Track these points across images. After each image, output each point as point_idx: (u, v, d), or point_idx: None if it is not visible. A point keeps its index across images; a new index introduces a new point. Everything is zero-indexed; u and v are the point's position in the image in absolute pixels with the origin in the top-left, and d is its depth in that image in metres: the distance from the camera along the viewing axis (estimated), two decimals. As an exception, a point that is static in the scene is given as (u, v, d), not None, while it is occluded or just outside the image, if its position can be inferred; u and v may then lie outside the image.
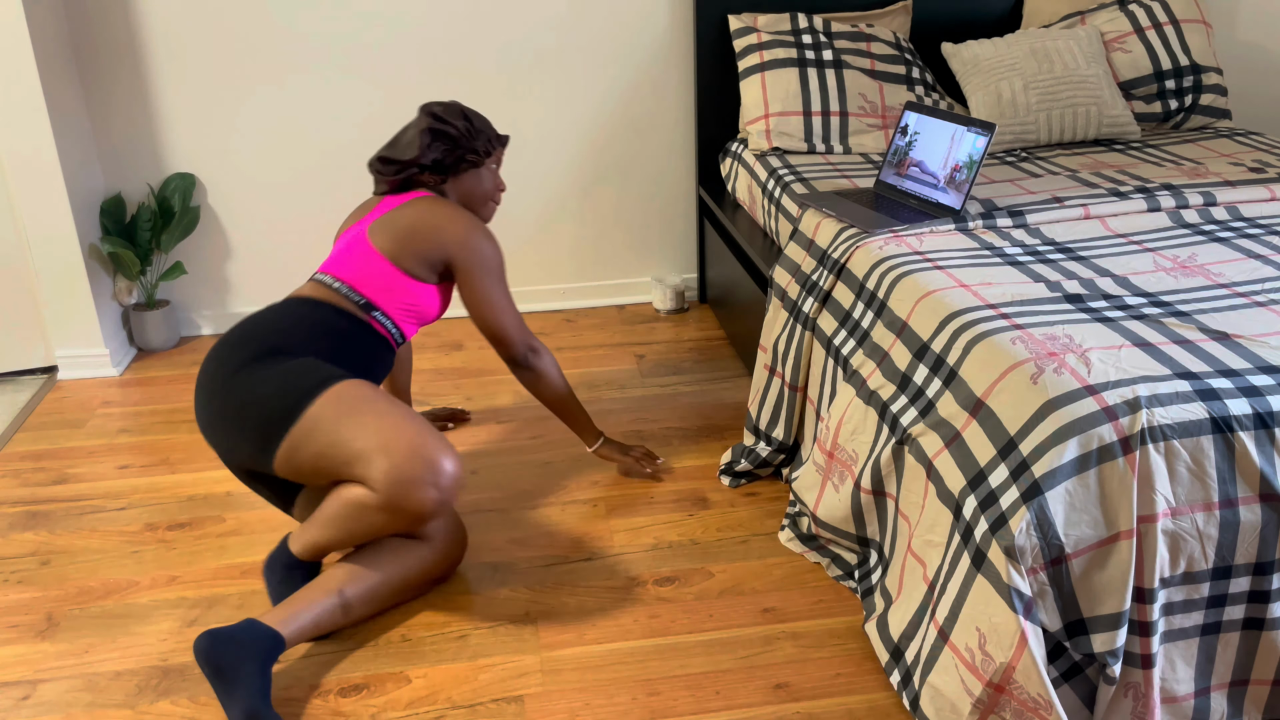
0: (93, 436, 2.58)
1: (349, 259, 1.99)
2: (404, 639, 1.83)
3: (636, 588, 1.95)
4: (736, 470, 2.30)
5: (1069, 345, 1.56)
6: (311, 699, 1.69)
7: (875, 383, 1.85)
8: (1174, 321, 1.64)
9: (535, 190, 3.19)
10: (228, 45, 2.90)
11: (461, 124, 2.09)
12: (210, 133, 2.99)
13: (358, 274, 1.97)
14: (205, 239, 3.10)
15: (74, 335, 2.88)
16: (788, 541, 2.07)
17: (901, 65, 2.91)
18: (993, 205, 2.22)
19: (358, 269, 1.97)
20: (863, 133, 2.83)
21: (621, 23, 3.04)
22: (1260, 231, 2.03)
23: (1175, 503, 1.41)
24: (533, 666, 1.76)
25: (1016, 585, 1.40)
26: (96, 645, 1.83)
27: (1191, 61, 2.94)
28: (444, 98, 3.04)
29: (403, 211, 2.01)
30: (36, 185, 2.70)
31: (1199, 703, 1.50)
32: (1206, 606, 1.47)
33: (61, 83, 2.75)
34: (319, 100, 2.99)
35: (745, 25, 2.94)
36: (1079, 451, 1.40)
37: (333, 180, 3.09)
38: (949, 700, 1.51)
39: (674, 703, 1.67)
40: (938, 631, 1.54)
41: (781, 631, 1.83)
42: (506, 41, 3.01)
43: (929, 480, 1.64)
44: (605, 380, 2.82)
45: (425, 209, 2.01)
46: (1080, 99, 2.79)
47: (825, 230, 2.20)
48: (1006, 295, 1.76)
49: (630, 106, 3.14)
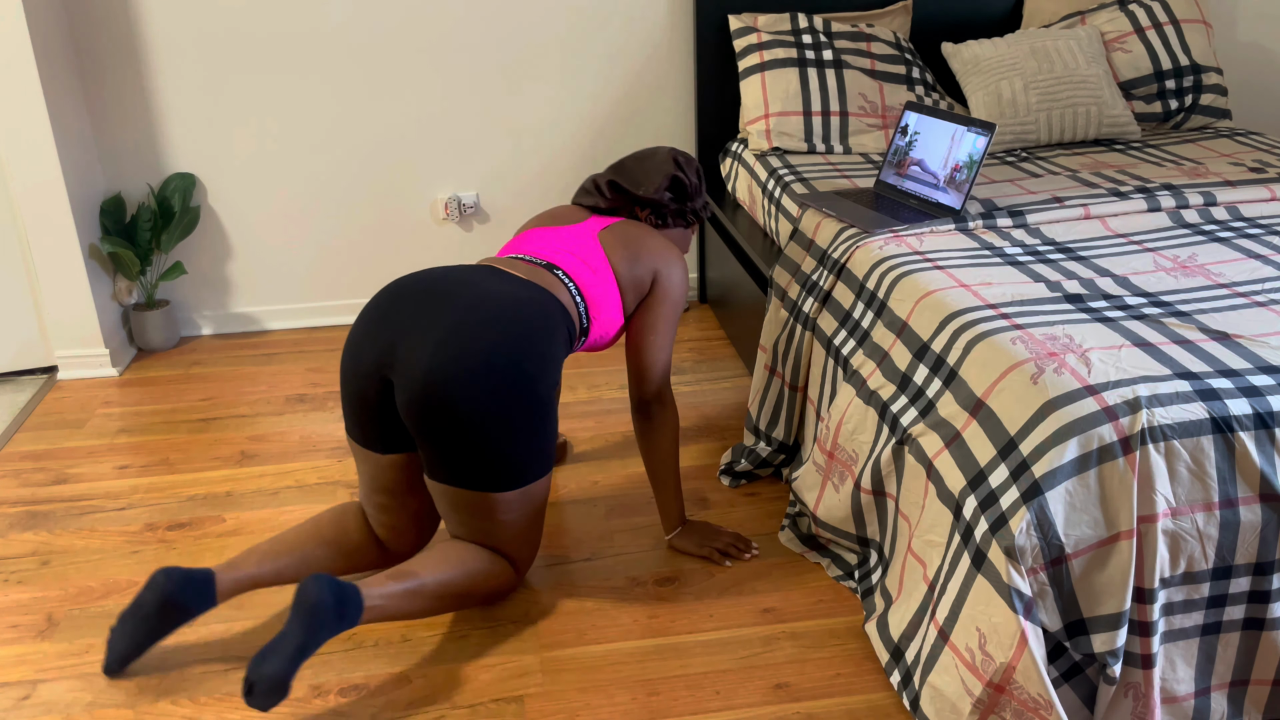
0: (92, 436, 2.58)
1: (578, 262, 1.94)
2: (404, 639, 1.83)
3: (636, 588, 1.95)
4: (736, 470, 2.30)
5: (1069, 345, 1.56)
6: (312, 699, 1.69)
7: (875, 383, 1.85)
8: (1174, 321, 1.64)
9: (535, 190, 3.19)
10: (228, 45, 2.90)
11: (696, 181, 2.14)
12: (210, 133, 2.99)
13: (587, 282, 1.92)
14: (205, 239, 3.10)
15: (74, 335, 2.88)
16: (788, 541, 2.07)
17: (901, 65, 2.91)
18: (993, 205, 2.22)
19: (586, 276, 1.93)
20: (863, 133, 2.83)
21: (621, 22, 3.04)
22: (1260, 231, 2.03)
23: (1175, 503, 1.41)
24: (533, 666, 1.76)
25: (1016, 585, 1.40)
26: (96, 645, 1.83)
27: (1191, 61, 2.94)
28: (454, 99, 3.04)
29: (628, 228, 2.03)
30: (36, 185, 2.70)
31: (1199, 703, 1.50)
32: (1207, 606, 1.47)
33: (61, 83, 2.75)
34: (319, 100, 2.99)
35: (745, 25, 2.94)
36: (1079, 451, 1.40)
37: (333, 180, 3.09)
38: (949, 700, 1.51)
39: (674, 703, 1.67)
40: (938, 631, 1.54)
41: (781, 631, 1.83)
42: (506, 41, 3.01)
43: (929, 480, 1.64)
44: (605, 380, 2.82)
45: (649, 231, 2.05)
46: (1080, 99, 2.79)
47: (825, 230, 2.20)
48: (1006, 295, 1.76)
49: (630, 106, 3.14)
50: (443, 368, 1.65)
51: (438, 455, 1.71)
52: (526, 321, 1.73)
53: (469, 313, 1.71)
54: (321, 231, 3.14)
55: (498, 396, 1.67)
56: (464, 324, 1.69)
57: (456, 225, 3.20)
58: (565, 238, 1.99)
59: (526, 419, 1.71)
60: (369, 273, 3.21)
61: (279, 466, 2.41)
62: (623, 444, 2.48)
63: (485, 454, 1.69)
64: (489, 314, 1.71)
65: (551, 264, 1.91)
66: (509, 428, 1.69)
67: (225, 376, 2.90)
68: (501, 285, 1.80)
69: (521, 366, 1.69)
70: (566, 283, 1.89)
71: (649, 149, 2.18)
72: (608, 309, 1.94)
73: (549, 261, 1.92)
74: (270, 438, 2.54)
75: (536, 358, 1.72)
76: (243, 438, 2.55)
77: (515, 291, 1.79)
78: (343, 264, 3.19)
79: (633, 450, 2.44)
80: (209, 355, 3.05)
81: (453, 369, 1.65)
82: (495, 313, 1.72)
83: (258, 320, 3.22)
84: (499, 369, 1.67)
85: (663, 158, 2.12)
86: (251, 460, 2.44)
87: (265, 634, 1.84)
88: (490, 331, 1.69)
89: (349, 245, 3.17)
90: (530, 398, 1.70)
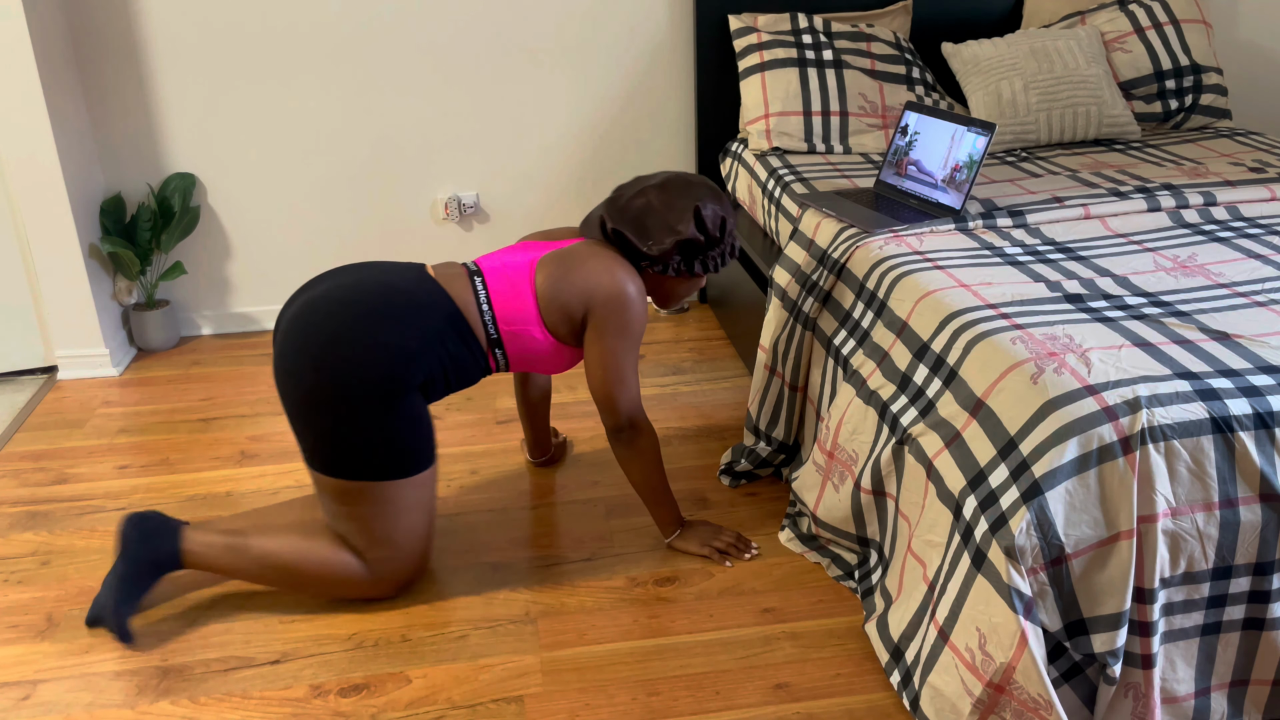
0: (92, 436, 2.57)
1: (501, 273, 1.88)
2: (404, 639, 1.83)
3: (636, 588, 1.95)
4: (736, 470, 2.30)
5: (1069, 345, 1.56)
6: (312, 699, 1.69)
7: (875, 383, 1.85)
8: (1174, 321, 1.64)
9: (535, 190, 3.19)
10: (228, 45, 2.90)
11: (715, 233, 1.91)
12: (210, 133, 2.99)
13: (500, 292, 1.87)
14: (205, 239, 3.10)
15: (74, 335, 2.88)
16: (788, 541, 2.07)
17: (901, 65, 2.91)
18: (993, 205, 2.22)
19: (502, 288, 1.87)
20: (863, 133, 2.83)
21: (621, 23, 3.04)
22: (1260, 231, 2.03)
23: (1175, 503, 1.41)
24: (533, 666, 1.76)
25: (1016, 585, 1.40)
26: (96, 645, 1.83)
27: (1191, 61, 2.94)
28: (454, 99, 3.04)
29: (576, 250, 1.90)
30: (36, 185, 2.70)
31: (1199, 703, 1.50)
32: (1207, 607, 1.47)
33: (61, 83, 2.75)
34: (319, 100, 2.99)
35: (745, 25, 2.94)
36: (1079, 451, 1.40)
37: (333, 180, 3.09)
38: (949, 700, 1.51)
39: (674, 703, 1.67)
40: (938, 631, 1.54)
41: (781, 631, 1.83)
42: (507, 41, 3.01)
43: (929, 480, 1.64)
44: (605, 380, 2.82)
45: (597, 254, 1.88)
46: (1080, 99, 2.79)
47: (825, 230, 2.20)
48: (1006, 295, 1.76)
49: (630, 106, 3.14)
50: (289, 342, 1.76)
51: (292, 427, 1.83)
52: (377, 310, 1.75)
53: (330, 295, 1.77)
54: (322, 231, 3.14)
55: (331, 377, 1.71)
56: (317, 305, 1.76)
57: (456, 225, 3.20)
58: (522, 250, 1.95)
59: (357, 406, 1.71)
60: (369, 273, 3.21)
61: (279, 466, 2.41)
62: (623, 444, 2.48)
63: (319, 433, 1.75)
64: (346, 298, 1.76)
65: (478, 269, 1.89)
66: (337, 412, 1.71)
67: (225, 376, 2.90)
68: (383, 276, 1.82)
69: (354, 350, 1.71)
70: (478, 289, 1.86)
71: (683, 183, 1.92)
72: (523, 324, 1.86)
73: (477, 266, 1.90)
74: (270, 438, 2.54)
75: (377, 346, 1.72)
76: (243, 437, 2.55)
77: (392, 281, 1.81)
78: (343, 263, 3.19)
79: (633, 450, 2.44)
80: (209, 355, 3.05)
81: (297, 343, 1.74)
82: (353, 297, 1.76)
83: (258, 320, 3.22)
84: (334, 351, 1.71)
85: (685, 208, 1.88)
86: (251, 460, 2.44)
87: (265, 635, 1.84)
88: (339, 314, 1.74)
89: (349, 245, 3.17)
90: (360, 386, 1.70)
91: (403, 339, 1.74)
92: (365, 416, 1.72)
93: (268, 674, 1.75)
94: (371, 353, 1.72)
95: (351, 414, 1.71)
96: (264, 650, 1.81)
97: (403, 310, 1.77)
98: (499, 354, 1.89)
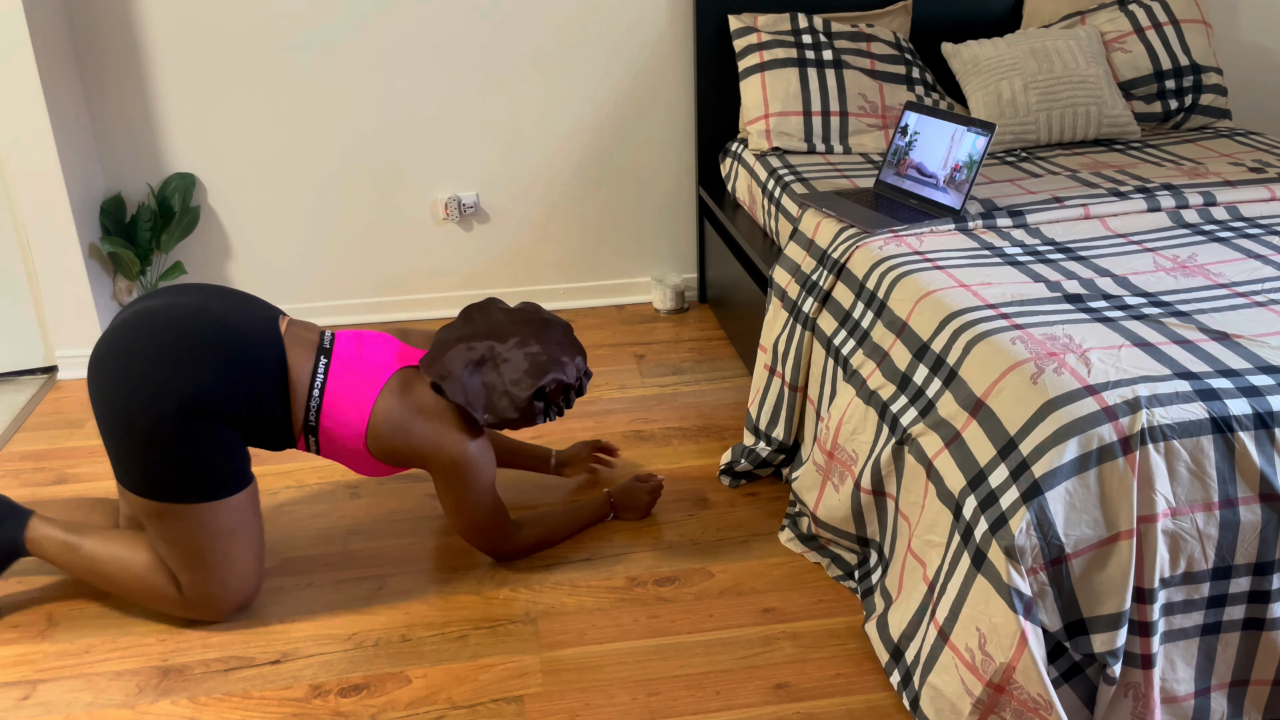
0: (93, 436, 2.57)
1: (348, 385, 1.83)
2: (404, 639, 1.83)
3: (636, 588, 1.95)
4: (736, 470, 2.30)
5: (1069, 345, 1.56)
6: (312, 699, 1.70)
7: (875, 383, 1.85)
8: (1174, 321, 1.64)
9: (535, 190, 3.19)
10: (228, 45, 2.90)
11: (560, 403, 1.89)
12: (210, 133, 2.99)
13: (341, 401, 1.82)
14: (205, 239, 3.10)
15: (74, 335, 2.88)
16: (788, 541, 2.07)
17: (901, 65, 2.91)
18: (993, 205, 2.22)
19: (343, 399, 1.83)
20: (863, 133, 2.83)
21: (621, 23, 3.04)
22: (1260, 231, 2.03)
23: (1175, 503, 1.41)
24: (533, 666, 1.76)
25: (1016, 585, 1.40)
26: (96, 645, 1.83)
27: (1191, 61, 2.94)
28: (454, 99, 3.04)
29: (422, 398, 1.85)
30: (36, 185, 2.70)
31: (1199, 703, 1.50)
32: (1206, 607, 1.47)
33: (61, 83, 2.75)
34: (319, 100, 2.99)
35: (745, 25, 2.94)
36: (1079, 451, 1.40)
37: (333, 180, 3.09)
38: (949, 700, 1.51)
39: (674, 703, 1.67)
40: (938, 631, 1.54)
41: (781, 631, 1.83)
42: (507, 41, 3.01)
43: (929, 480, 1.64)
44: (605, 380, 2.82)
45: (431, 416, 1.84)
46: (1080, 99, 2.79)
47: (825, 230, 2.20)
48: (1006, 295, 1.76)
49: (630, 106, 3.14)
50: (108, 344, 1.75)
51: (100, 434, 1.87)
52: (202, 340, 1.73)
53: (166, 310, 1.76)
54: (321, 231, 3.14)
55: (137, 398, 1.69)
56: (143, 319, 1.75)
57: (456, 225, 3.20)
58: (383, 349, 1.89)
59: (156, 429, 1.68)
60: (369, 273, 3.21)
61: (278, 467, 2.41)
62: (621, 444, 2.48)
63: (122, 449, 1.72)
64: (179, 318, 1.75)
65: (329, 350, 1.85)
66: (138, 431, 1.69)
67: (225, 376, 2.90)
68: (228, 311, 1.80)
69: (161, 374, 1.69)
70: (318, 372, 1.83)
71: (543, 330, 1.89)
72: (347, 431, 1.83)
73: (330, 347, 1.86)
74: (270, 438, 2.54)
75: (185, 376, 1.69)
76: (243, 438, 2.54)
77: (232, 320, 1.78)
78: (342, 264, 3.19)
79: (631, 449, 2.44)
80: (209, 355, 3.05)
81: (114, 350, 1.73)
82: (185, 321, 1.75)
83: (258, 320, 3.22)
84: (142, 370, 1.70)
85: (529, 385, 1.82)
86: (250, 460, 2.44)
87: (265, 635, 1.84)
88: (162, 335, 1.72)
89: (349, 245, 3.17)
90: (160, 409, 1.68)
91: (214, 379, 1.71)
92: (165, 439, 1.69)
93: (268, 674, 1.75)
94: (178, 381, 1.69)
95: (152, 435, 1.69)
96: (264, 650, 1.81)
97: (228, 350, 1.74)
98: (312, 440, 1.86)
